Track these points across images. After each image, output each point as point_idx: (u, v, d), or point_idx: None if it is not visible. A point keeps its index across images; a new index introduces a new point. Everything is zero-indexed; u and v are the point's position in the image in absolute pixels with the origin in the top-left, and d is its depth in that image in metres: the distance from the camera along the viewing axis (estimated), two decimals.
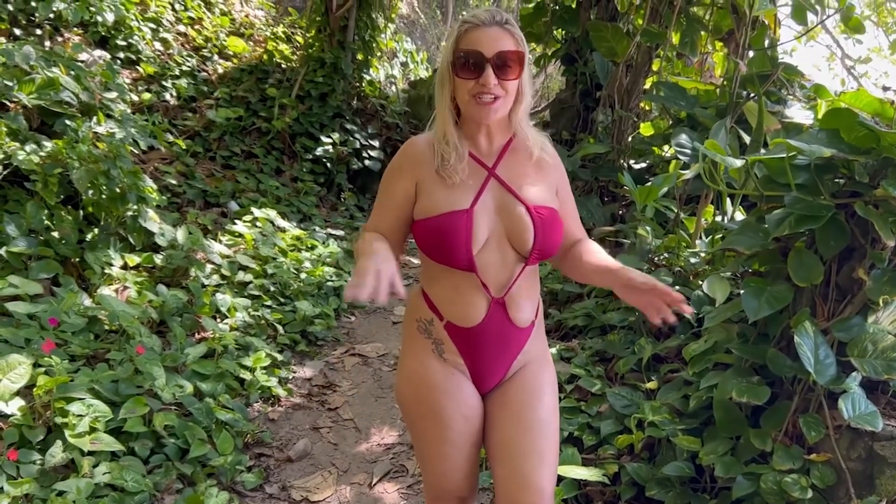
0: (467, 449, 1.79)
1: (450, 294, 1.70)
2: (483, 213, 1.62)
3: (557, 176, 1.78)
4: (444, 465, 1.80)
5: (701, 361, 2.80)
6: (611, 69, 5.92)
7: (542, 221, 1.64)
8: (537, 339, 1.80)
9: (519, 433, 1.71)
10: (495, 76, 1.55)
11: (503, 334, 1.71)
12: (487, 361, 1.74)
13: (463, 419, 1.75)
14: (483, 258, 1.63)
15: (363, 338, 4.54)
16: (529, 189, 1.67)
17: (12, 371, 2.53)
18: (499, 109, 1.60)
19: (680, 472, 2.54)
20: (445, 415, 1.74)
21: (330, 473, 3.08)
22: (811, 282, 2.40)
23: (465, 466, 1.81)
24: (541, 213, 1.65)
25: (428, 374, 1.75)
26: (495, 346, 1.72)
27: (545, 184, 1.72)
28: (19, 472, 2.36)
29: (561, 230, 1.71)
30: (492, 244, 1.64)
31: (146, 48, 6.52)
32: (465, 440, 1.78)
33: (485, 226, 1.62)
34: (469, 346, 1.72)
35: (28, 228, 3.47)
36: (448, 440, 1.76)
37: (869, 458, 2.23)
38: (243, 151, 6.63)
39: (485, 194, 1.64)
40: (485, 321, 1.68)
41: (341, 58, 7.40)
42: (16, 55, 3.95)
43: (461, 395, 1.75)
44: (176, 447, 2.81)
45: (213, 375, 3.31)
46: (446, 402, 1.74)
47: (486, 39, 1.55)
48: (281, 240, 5.13)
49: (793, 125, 3.86)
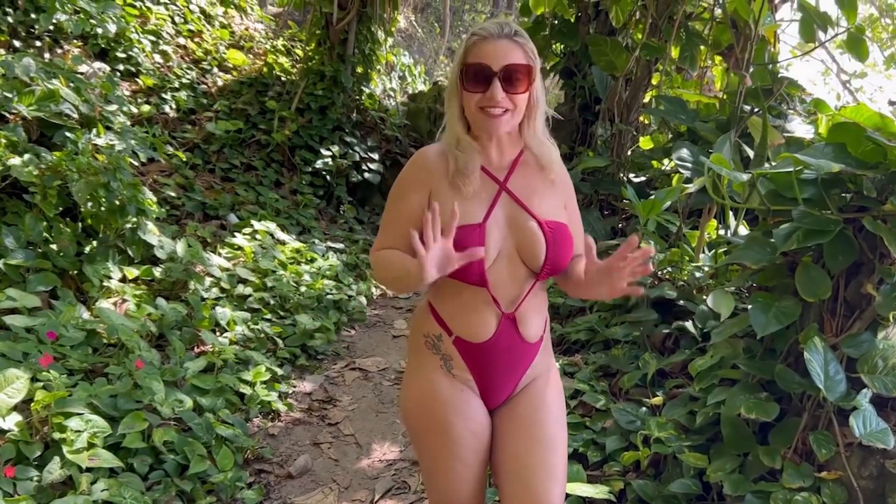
0: (475, 466, 1.76)
1: (459, 309, 1.67)
2: (495, 227, 1.60)
3: (566, 190, 1.76)
4: (452, 481, 1.77)
5: (707, 377, 2.77)
6: (610, 83, 5.93)
7: (554, 236, 1.62)
8: (545, 354, 1.79)
9: (528, 449, 1.69)
10: (503, 89, 1.53)
11: (513, 350, 1.69)
12: (496, 377, 1.72)
13: (472, 435, 1.72)
14: (494, 273, 1.61)
15: (363, 352, 4.51)
16: (540, 203, 1.65)
17: (10, 385, 2.48)
18: (507, 122, 1.58)
19: (687, 490, 2.50)
20: (454, 431, 1.71)
21: (331, 490, 3.03)
22: (819, 297, 2.38)
23: (472, 483, 1.78)
24: (552, 227, 1.63)
25: (436, 390, 1.72)
26: (505, 362, 1.70)
27: (555, 198, 1.70)
28: (16, 489, 2.31)
29: (571, 245, 1.68)
30: (503, 259, 1.61)
31: (146, 60, 6.51)
32: (474, 457, 1.75)
33: (496, 240, 1.60)
34: (478, 362, 1.69)
35: (26, 241, 3.44)
36: (456, 456, 1.74)
37: (881, 476, 2.20)
38: (243, 164, 6.62)
39: (497, 208, 1.62)
40: (495, 337, 1.66)
41: (341, 71, 7.41)
42: (16, 67, 3.93)
43: (469, 411, 1.72)
44: (175, 463, 2.77)
45: (212, 390, 3.27)
46: (455, 419, 1.71)
47: (494, 52, 1.53)
48: (281, 252, 5.11)
49: (794, 139, 3.87)
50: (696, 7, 5.55)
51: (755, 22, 4.02)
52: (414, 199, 1.65)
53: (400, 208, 1.67)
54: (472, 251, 1.47)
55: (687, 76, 6.39)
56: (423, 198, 1.64)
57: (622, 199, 5.28)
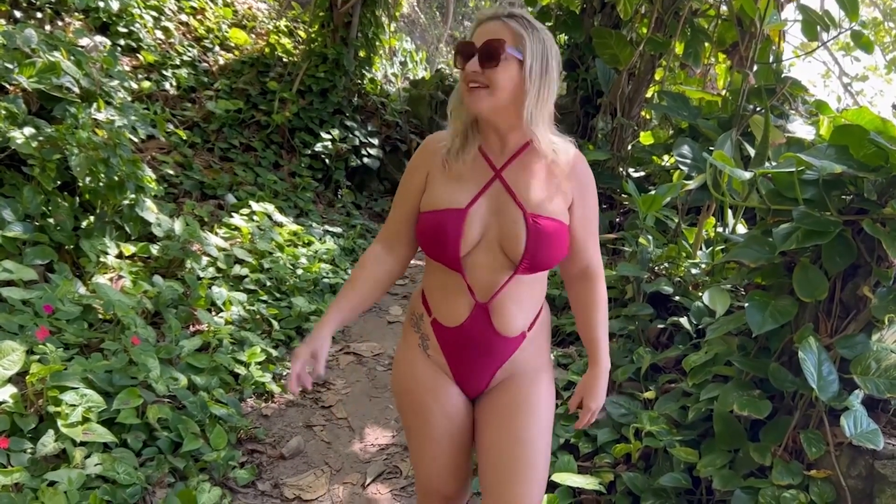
0: (451, 448, 1.78)
1: (439, 291, 1.70)
2: (478, 213, 1.59)
3: (578, 190, 1.67)
4: (428, 461, 1.82)
5: (701, 373, 2.79)
6: (612, 76, 5.92)
7: (538, 231, 1.57)
8: (533, 352, 1.73)
9: (502, 447, 1.68)
10: (479, 64, 1.51)
11: (485, 341, 1.67)
12: (467, 365, 1.72)
13: (445, 418, 1.75)
14: (472, 260, 1.61)
15: (358, 336, 4.52)
16: (534, 196, 1.60)
17: (5, 357, 2.48)
18: (484, 99, 1.53)
19: (676, 483, 2.53)
20: (427, 411, 1.75)
21: (323, 472, 3.05)
22: (815, 297, 2.40)
23: (448, 465, 1.81)
24: (539, 221, 1.58)
25: (414, 370, 1.77)
26: (476, 351, 1.69)
27: (556, 194, 1.63)
28: (10, 461, 2.32)
29: (562, 246, 1.62)
30: (483, 247, 1.60)
31: (147, 36, 6.47)
32: (448, 439, 1.77)
33: (478, 227, 1.59)
34: (451, 347, 1.71)
35: (24, 213, 3.42)
36: (430, 437, 1.77)
37: (869, 477, 2.23)
38: (242, 144, 6.58)
39: (485, 195, 1.60)
40: (465, 324, 1.66)
41: (343, 54, 7.36)
42: (17, 38, 3.89)
43: (443, 393, 1.74)
44: (169, 440, 2.78)
45: (207, 369, 3.28)
46: (429, 399, 1.75)
47: (482, 32, 1.54)
48: (278, 234, 5.10)
49: (795, 140, 3.88)
50: (703, 3, 5.54)
51: (760, 20, 4.01)
52: (416, 180, 1.68)
53: (404, 190, 1.71)
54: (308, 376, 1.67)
55: (690, 73, 6.38)
56: (422, 179, 1.67)
57: (621, 193, 5.29)
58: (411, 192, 1.69)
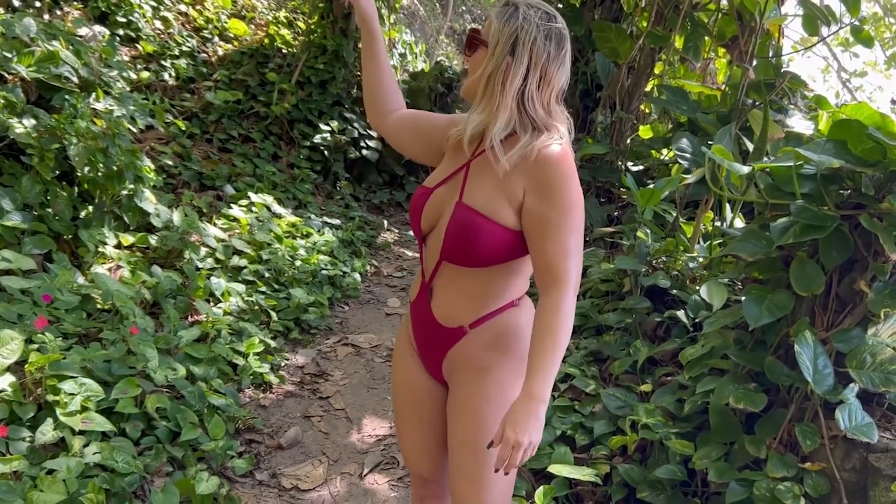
0: (416, 426, 1.83)
1: (418, 267, 1.80)
2: (440, 196, 1.66)
3: (534, 187, 1.52)
4: (400, 436, 1.91)
5: (697, 366, 2.80)
6: (612, 70, 5.90)
7: (458, 221, 1.55)
8: (482, 349, 1.65)
9: (451, 448, 1.71)
10: (464, 54, 1.66)
11: (427, 322, 1.73)
12: (420, 342, 1.79)
13: (406, 393, 1.83)
14: (430, 239, 1.69)
15: (356, 328, 4.53)
16: (478, 189, 1.57)
17: (4, 346, 2.48)
18: (464, 84, 1.65)
19: (672, 476, 2.55)
20: (394, 383, 1.88)
21: (320, 462, 3.06)
22: (812, 291, 2.41)
23: (416, 443, 1.85)
24: (464, 213, 1.55)
25: (397, 341, 1.90)
26: (423, 331, 1.76)
27: (501, 190, 1.54)
28: (9, 449, 2.33)
29: (486, 244, 1.54)
30: (437, 230, 1.66)
31: (146, 26, 6.43)
32: (411, 416, 1.83)
33: (437, 209, 1.65)
34: (412, 322, 1.80)
35: (23, 203, 3.42)
36: (397, 411, 1.88)
37: (863, 470, 2.24)
38: (240, 135, 6.56)
39: (451, 180, 1.66)
40: (416, 300, 1.76)
41: (343, 45, 7.34)
42: (16, 27, 3.88)
43: (405, 368, 1.83)
44: (167, 430, 2.79)
45: (205, 359, 3.28)
46: (395, 372, 1.88)
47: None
48: (277, 226, 5.10)
49: (793, 134, 3.88)
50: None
51: (761, 14, 4.01)
52: (442, 127, 1.79)
53: (439, 115, 1.86)
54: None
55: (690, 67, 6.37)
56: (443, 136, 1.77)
57: (620, 186, 5.29)
58: (435, 125, 1.79)
